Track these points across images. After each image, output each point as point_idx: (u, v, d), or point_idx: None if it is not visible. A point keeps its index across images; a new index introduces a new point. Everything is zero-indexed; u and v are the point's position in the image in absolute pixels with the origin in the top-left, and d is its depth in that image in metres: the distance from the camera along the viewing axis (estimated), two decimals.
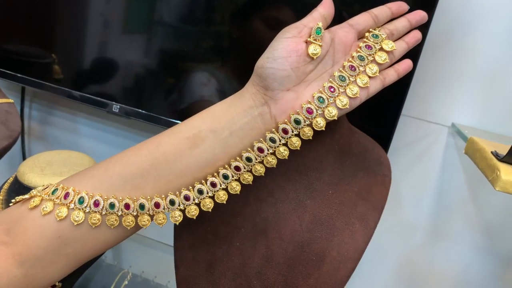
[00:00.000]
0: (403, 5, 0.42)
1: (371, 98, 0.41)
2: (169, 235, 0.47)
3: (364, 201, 0.43)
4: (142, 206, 0.36)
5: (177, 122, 0.71)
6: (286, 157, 0.38)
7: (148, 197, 0.37)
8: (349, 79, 0.38)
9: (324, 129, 0.37)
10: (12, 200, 0.38)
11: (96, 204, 0.35)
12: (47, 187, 0.37)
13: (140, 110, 0.73)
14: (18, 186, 0.56)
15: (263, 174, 0.38)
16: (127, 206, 0.36)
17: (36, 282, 0.36)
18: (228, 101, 0.39)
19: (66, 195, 0.35)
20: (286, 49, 0.37)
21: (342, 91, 0.38)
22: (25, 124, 0.94)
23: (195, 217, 0.38)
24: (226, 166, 0.38)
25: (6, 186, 0.58)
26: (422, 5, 0.57)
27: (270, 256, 0.42)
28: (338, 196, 0.43)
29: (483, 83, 0.67)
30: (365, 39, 0.40)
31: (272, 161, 0.38)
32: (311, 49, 0.37)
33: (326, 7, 0.39)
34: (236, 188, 0.38)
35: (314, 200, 0.43)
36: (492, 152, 0.48)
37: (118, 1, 0.72)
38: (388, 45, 0.39)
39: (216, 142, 0.37)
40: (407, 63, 0.41)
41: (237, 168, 0.38)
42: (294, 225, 0.42)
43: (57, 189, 0.36)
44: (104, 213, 0.36)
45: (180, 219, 0.38)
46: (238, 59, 0.69)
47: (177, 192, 0.37)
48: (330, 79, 0.38)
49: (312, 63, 0.38)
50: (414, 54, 0.43)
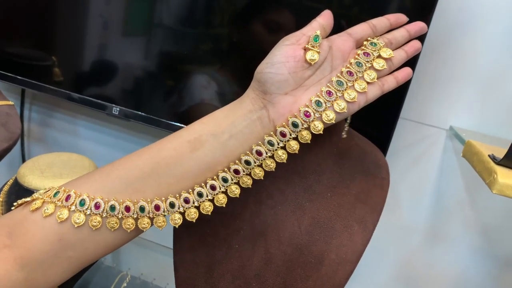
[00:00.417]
0: (402, 17, 0.42)
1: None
2: (168, 237, 0.47)
3: (363, 203, 0.43)
4: (142, 209, 0.37)
5: (177, 124, 0.72)
6: (285, 161, 0.38)
7: (149, 199, 0.37)
8: (346, 84, 0.38)
9: (322, 132, 0.38)
10: (14, 203, 0.38)
11: (97, 206, 0.36)
12: (49, 190, 0.37)
13: (140, 113, 0.73)
14: (18, 188, 0.56)
15: (262, 178, 0.38)
16: (127, 209, 0.36)
17: (37, 285, 0.36)
18: (229, 106, 0.40)
19: (68, 198, 0.36)
20: (284, 55, 0.38)
21: (339, 95, 0.38)
22: (25, 126, 0.94)
23: (194, 220, 0.38)
24: (226, 169, 0.38)
25: (6, 188, 0.58)
26: (420, 9, 0.57)
27: (269, 259, 0.42)
28: (337, 199, 0.43)
29: (481, 86, 0.67)
30: (363, 47, 0.40)
31: (271, 165, 0.38)
32: (309, 55, 0.38)
33: (325, 18, 0.40)
34: (235, 191, 0.39)
35: (313, 202, 0.43)
36: (489, 155, 0.48)
37: (118, 4, 0.73)
38: (386, 52, 0.40)
39: (216, 145, 0.37)
40: (406, 71, 0.42)
41: (236, 171, 0.38)
42: (293, 227, 0.42)
43: (58, 191, 0.36)
44: (104, 215, 0.36)
45: (180, 222, 0.38)
46: (238, 62, 0.69)
47: (177, 195, 0.38)
48: (328, 84, 0.39)
49: (310, 69, 0.38)
50: (412, 58, 0.43)
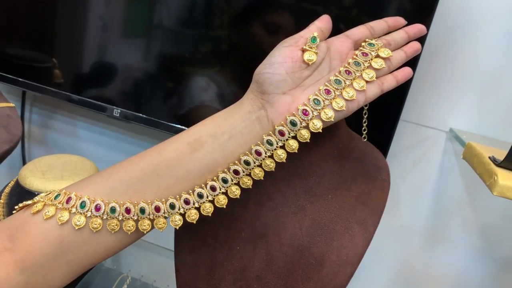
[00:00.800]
0: (400, 20, 0.43)
1: (370, 103, 0.41)
2: (169, 239, 0.47)
3: (363, 205, 0.43)
4: (142, 210, 0.37)
5: (177, 126, 0.72)
6: (284, 160, 0.38)
7: (149, 201, 0.37)
8: (345, 83, 0.39)
9: (321, 131, 0.38)
10: (16, 206, 0.38)
11: (97, 208, 0.36)
12: (50, 193, 0.38)
13: (140, 115, 0.73)
14: (19, 190, 0.56)
15: (262, 178, 0.38)
16: (127, 211, 0.36)
17: None
18: (229, 108, 0.40)
19: (68, 200, 0.36)
20: (282, 56, 0.38)
21: (338, 94, 0.38)
22: (25, 128, 0.94)
23: (195, 222, 0.38)
24: (225, 170, 0.38)
25: (7, 190, 0.58)
26: (420, 10, 0.57)
27: (270, 260, 0.42)
28: (337, 201, 0.43)
29: (481, 88, 0.67)
30: (361, 48, 0.41)
31: (271, 165, 0.38)
32: (307, 55, 0.38)
33: (323, 22, 0.41)
34: (235, 192, 0.38)
35: (314, 204, 0.43)
36: (489, 157, 0.48)
37: (118, 5, 0.73)
38: (384, 52, 0.40)
39: (216, 146, 0.38)
40: (406, 71, 0.42)
41: (236, 172, 0.38)
42: (294, 229, 0.42)
43: (59, 194, 0.37)
44: (105, 217, 0.36)
45: (180, 223, 0.38)
46: (238, 63, 0.69)
47: (177, 196, 0.38)
48: (326, 83, 0.39)
49: (308, 69, 0.39)
50: (412, 59, 0.43)
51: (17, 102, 0.90)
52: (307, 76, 0.39)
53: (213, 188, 0.38)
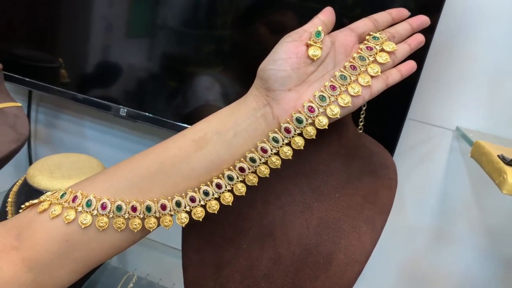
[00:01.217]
0: (403, 11, 0.42)
1: (377, 101, 0.41)
2: (175, 238, 0.47)
3: (371, 204, 0.43)
4: (148, 208, 0.37)
5: (183, 125, 0.72)
6: (290, 157, 0.38)
7: (155, 199, 0.37)
8: (350, 78, 0.38)
9: (327, 127, 0.37)
10: (22, 205, 0.38)
11: (103, 207, 0.36)
12: (56, 192, 0.38)
13: (147, 114, 0.73)
14: (27, 188, 0.56)
15: (268, 175, 0.38)
16: (134, 209, 0.36)
17: (44, 287, 0.36)
18: (233, 105, 0.40)
19: (74, 199, 0.36)
20: (286, 51, 0.38)
21: (343, 89, 0.38)
22: (32, 128, 0.95)
23: (201, 219, 0.38)
24: (231, 167, 0.38)
25: (15, 189, 0.58)
26: (427, 10, 0.57)
27: (277, 259, 0.42)
28: (345, 199, 0.43)
29: (487, 86, 0.67)
30: (365, 42, 0.40)
31: (276, 162, 0.38)
32: (311, 51, 0.38)
33: (326, 15, 0.40)
34: (241, 189, 0.38)
35: (321, 203, 0.43)
36: (498, 156, 0.48)
37: (122, 6, 0.73)
38: (389, 46, 0.40)
39: (221, 143, 0.37)
40: (410, 64, 0.42)
41: (241, 169, 0.38)
42: (301, 228, 0.42)
43: (65, 193, 0.37)
44: (111, 216, 0.36)
45: (186, 221, 0.38)
46: (242, 63, 0.69)
47: (183, 194, 0.38)
48: (331, 79, 0.38)
49: (313, 64, 0.38)
50: (419, 58, 0.43)
51: (23, 102, 0.90)
52: (312, 72, 0.38)
53: (218, 186, 0.38)
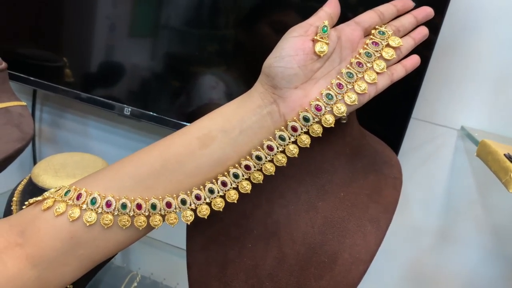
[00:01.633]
0: (408, 2, 0.42)
1: (381, 100, 0.41)
2: (178, 237, 0.47)
3: (376, 203, 0.43)
4: (153, 206, 0.36)
5: (187, 124, 0.72)
6: (296, 155, 0.38)
7: (160, 197, 0.37)
8: (356, 76, 0.38)
9: (333, 125, 0.37)
10: (26, 202, 0.38)
11: (108, 204, 0.36)
12: (59, 189, 0.37)
13: (151, 113, 0.74)
14: (32, 187, 0.56)
15: (273, 173, 0.38)
16: (139, 207, 0.36)
17: (49, 284, 0.36)
18: (237, 101, 0.39)
19: (79, 196, 0.36)
20: (293, 47, 0.37)
21: (350, 87, 0.38)
22: (36, 127, 0.95)
23: (206, 217, 0.38)
24: (237, 165, 0.38)
25: (20, 188, 0.58)
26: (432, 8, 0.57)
27: (282, 258, 0.42)
28: (349, 199, 0.43)
29: (492, 86, 0.67)
30: (371, 36, 0.40)
31: (282, 160, 0.38)
32: (318, 47, 0.37)
33: (332, 6, 0.39)
34: (246, 187, 0.38)
35: (325, 202, 0.43)
36: (505, 155, 0.48)
37: (125, 5, 0.73)
38: (394, 41, 0.39)
39: (226, 141, 0.37)
40: (414, 59, 0.41)
41: (247, 167, 0.38)
42: (306, 227, 0.42)
43: (69, 190, 0.36)
44: (116, 213, 0.36)
45: (192, 218, 0.38)
46: (246, 62, 0.69)
47: (188, 192, 0.37)
48: (338, 76, 0.38)
49: (319, 61, 0.38)
50: (424, 57, 0.43)
51: (28, 101, 0.90)
52: (318, 68, 0.38)
53: (224, 184, 0.38)
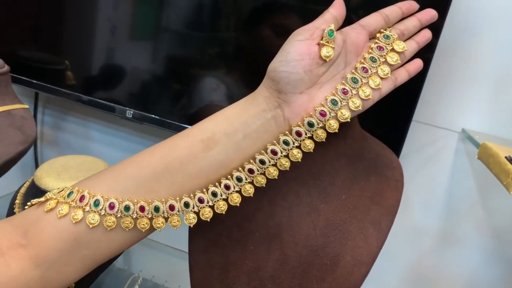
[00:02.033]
0: (414, 4, 0.41)
1: (383, 103, 0.41)
2: (180, 239, 0.47)
3: (377, 205, 0.43)
4: (157, 209, 0.37)
5: (189, 127, 0.72)
6: (300, 160, 0.38)
7: (163, 199, 0.37)
8: (361, 81, 0.38)
9: (337, 131, 0.37)
10: (28, 203, 0.38)
11: (111, 207, 0.36)
12: (62, 190, 0.37)
13: (153, 116, 0.74)
14: (35, 190, 0.56)
15: (277, 177, 0.38)
16: (142, 209, 0.36)
17: (52, 283, 0.36)
18: (241, 104, 0.39)
19: (82, 198, 0.36)
20: (299, 52, 0.37)
21: (355, 93, 0.38)
22: (38, 130, 0.95)
23: (209, 220, 0.38)
24: (240, 168, 0.38)
25: (23, 190, 0.58)
26: None
27: (284, 260, 0.42)
28: (351, 201, 0.43)
29: (493, 88, 0.67)
30: (376, 40, 0.40)
31: (286, 164, 0.38)
32: (324, 51, 0.37)
33: (337, 8, 0.39)
34: (249, 190, 0.38)
35: (327, 204, 0.43)
36: (506, 157, 0.48)
37: (126, 8, 0.74)
38: (399, 46, 0.39)
39: (230, 144, 0.37)
40: (417, 63, 0.41)
41: (250, 171, 0.38)
42: (308, 229, 0.42)
43: (72, 192, 0.36)
44: (119, 215, 0.36)
45: (195, 221, 0.38)
46: (247, 65, 0.69)
47: (191, 195, 0.37)
48: (343, 81, 0.38)
49: (324, 65, 0.38)
50: (425, 60, 0.43)
51: (30, 104, 0.91)
52: (323, 73, 0.38)
53: (227, 187, 0.38)
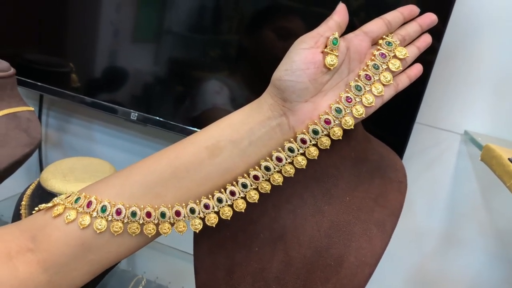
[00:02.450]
0: (415, 9, 0.42)
1: (385, 106, 0.41)
2: (184, 241, 0.47)
3: (381, 207, 0.44)
4: (163, 215, 0.37)
5: (193, 129, 0.73)
6: (304, 167, 0.38)
7: (169, 205, 0.37)
8: (364, 89, 0.38)
9: (341, 138, 0.38)
10: (36, 208, 0.38)
11: (118, 212, 0.36)
12: (69, 196, 0.38)
13: (158, 118, 0.74)
14: (41, 191, 0.57)
15: (281, 184, 0.39)
16: (148, 215, 0.37)
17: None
18: (246, 111, 0.39)
19: (89, 204, 0.36)
20: (304, 61, 0.37)
21: (358, 100, 0.38)
22: (42, 132, 0.96)
23: (214, 225, 0.39)
24: (245, 175, 0.38)
25: (29, 192, 0.59)
26: (435, 13, 0.57)
27: (288, 261, 0.42)
28: (355, 202, 0.43)
29: (495, 90, 0.67)
30: (379, 47, 0.40)
31: (290, 171, 0.38)
32: (328, 60, 0.37)
33: (340, 15, 0.39)
34: (254, 197, 0.39)
35: (331, 206, 0.43)
36: (509, 159, 0.48)
37: (130, 11, 0.74)
38: (401, 52, 0.40)
39: (235, 151, 0.38)
40: (418, 68, 0.42)
41: (255, 177, 0.38)
42: (312, 230, 0.43)
43: (79, 197, 0.37)
44: (126, 221, 0.36)
45: (200, 227, 0.38)
46: (250, 68, 0.70)
47: (197, 201, 0.38)
48: (347, 89, 0.38)
49: (328, 73, 0.38)
50: (428, 63, 0.43)
51: (34, 106, 0.91)
52: (327, 81, 0.38)
53: (232, 193, 0.38)
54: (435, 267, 0.78)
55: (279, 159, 0.38)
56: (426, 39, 0.42)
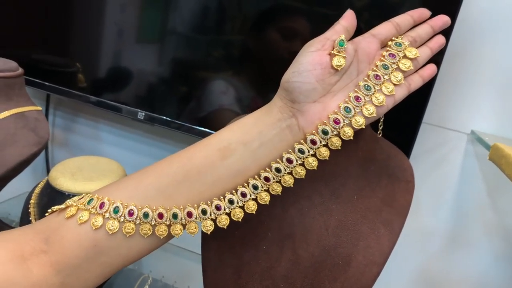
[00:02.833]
0: (425, 12, 0.42)
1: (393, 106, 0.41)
2: (190, 240, 0.47)
3: (389, 207, 0.44)
4: (175, 216, 0.37)
5: (200, 128, 0.73)
6: (315, 168, 0.38)
7: (181, 206, 0.37)
8: (374, 88, 0.38)
9: (352, 138, 0.38)
10: (48, 210, 0.39)
11: (130, 213, 0.36)
12: (82, 197, 0.38)
13: (164, 117, 0.75)
14: (50, 190, 0.57)
15: (292, 185, 0.39)
16: (160, 216, 0.37)
17: None
18: (257, 114, 0.40)
19: (102, 205, 0.36)
20: (311, 62, 0.37)
21: (368, 100, 0.38)
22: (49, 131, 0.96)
23: (225, 227, 0.39)
24: (256, 177, 0.38)
25: (37, 190, 0.59)
26: (443, 14, 0.57)
27: (296, 260, 0.42)
28: (363, 202, 0.44)
29: (502, 90, 0.67)
30: (388, 48, 0.40)
31: (301, 172, 0.38)
32: (335, 61, 0.37)
33: (348, 20, 0.40)
34: (265, 198, 0.39)
35: (339, 205, 0.43)
36: None
37: (135, 12, 0.74)
38: (411, 52, 0.39)
39: (247, 153, 0.38)
40: (431, 68, 0.42)
41: (266, 179, 0.38)
42: (320, 230, 0.43)
43: (92, 199, 0.37)
44: (138, 222, 0.36)
45: (212, 228, 0.38)
46: (254, 68, 0.70)
47: (209, 202, 0.38)
48: (355, 89, 0.38)
49: (337, 74, 0.38)
50: (435, 63, 0.43)
51: (41, 106, 0.92)
52: (336, 82, 0.38)
53: (243, 194, 0.38)
54: (441, 267, 0.78)
55: (289, 161, 0.38)
56: (439, 40, 0.42)
